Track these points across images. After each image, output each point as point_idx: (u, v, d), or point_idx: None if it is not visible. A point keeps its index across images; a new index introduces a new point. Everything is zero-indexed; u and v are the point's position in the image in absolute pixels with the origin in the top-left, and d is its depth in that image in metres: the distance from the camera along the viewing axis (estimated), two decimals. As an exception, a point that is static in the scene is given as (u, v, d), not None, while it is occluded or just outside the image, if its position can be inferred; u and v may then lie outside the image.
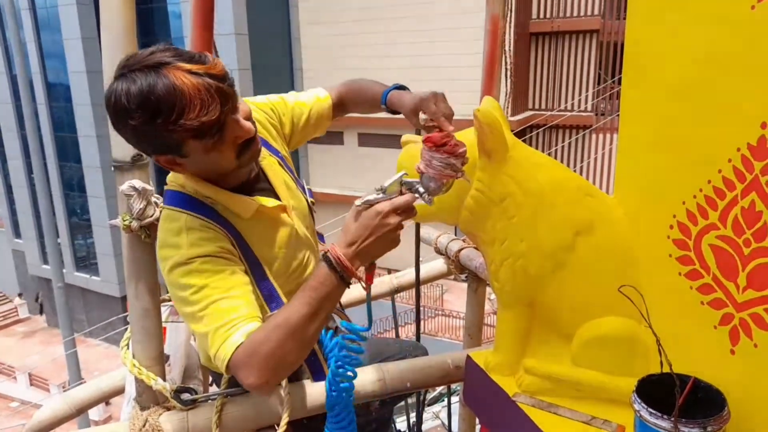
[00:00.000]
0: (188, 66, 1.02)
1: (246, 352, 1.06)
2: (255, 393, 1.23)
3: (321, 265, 1.05)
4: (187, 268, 1.14)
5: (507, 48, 2.21)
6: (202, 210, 1.19)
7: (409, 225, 1.14)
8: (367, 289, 1.09)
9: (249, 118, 1.15)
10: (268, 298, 1.25)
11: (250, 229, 1.23)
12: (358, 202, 1.02)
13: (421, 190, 1.04)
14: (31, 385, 14.63)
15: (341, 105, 1.53)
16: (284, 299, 1.27)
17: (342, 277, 1.03)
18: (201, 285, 1.13)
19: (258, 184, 1.30)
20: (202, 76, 1.02)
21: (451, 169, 1.03)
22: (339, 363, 1.19)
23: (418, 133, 1.38)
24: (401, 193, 1.04)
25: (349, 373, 1.21)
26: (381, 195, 1.02)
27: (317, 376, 1.38)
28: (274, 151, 1.34)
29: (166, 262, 1.16)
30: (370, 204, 1.02)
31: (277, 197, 1.30)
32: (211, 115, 1.03)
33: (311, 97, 1.48)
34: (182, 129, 1.03)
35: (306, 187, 1.46)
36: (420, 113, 1.19)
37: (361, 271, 1.07)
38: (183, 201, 1.19)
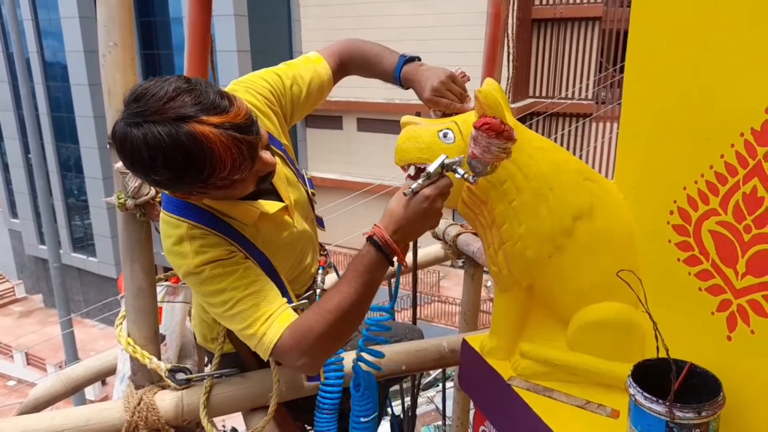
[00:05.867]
0: (214, 120, 0.94)
1: (294, 338, 1.09)
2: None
3: (368, 248, 1.05)
4: (200, 278, 1.13)
5: (509, 33, 2.18)
6: (203, 218, 1.14)
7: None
8: (401, 262, 1.09)
9: (268, 145, 1.11)
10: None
11: (253, 231, 1.21)
12: (406, 191, 1.03)
13: (462, 171, 1.03)
14: (28, 364, 14.70)
15: (342, 71, 1.46)
16: (292, 295, 1.27)
17: (388, 258, 1.04)
18: (219, 289, 1.13)
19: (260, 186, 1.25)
20: (229, 130, 0.95)
21: (506, 153, 1.05)
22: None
23: (417, 114, 1.37)
24: (442, 176, 1.04)
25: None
26: (424, 180, 1.03)
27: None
28: (278, 145, 1.29)
29: (178, 269, 1.16)
30: (416, 192, 1.03)
31: (280, 197, 1.26)
32: (242, 172, 1.00)
33: (309, 70, 1.38)
34: (211, 186, 1.01)
35: (306, 177, 1.43)
36: (432, 112, 1.28)
37: None
38: (182, 208, 1.14)
